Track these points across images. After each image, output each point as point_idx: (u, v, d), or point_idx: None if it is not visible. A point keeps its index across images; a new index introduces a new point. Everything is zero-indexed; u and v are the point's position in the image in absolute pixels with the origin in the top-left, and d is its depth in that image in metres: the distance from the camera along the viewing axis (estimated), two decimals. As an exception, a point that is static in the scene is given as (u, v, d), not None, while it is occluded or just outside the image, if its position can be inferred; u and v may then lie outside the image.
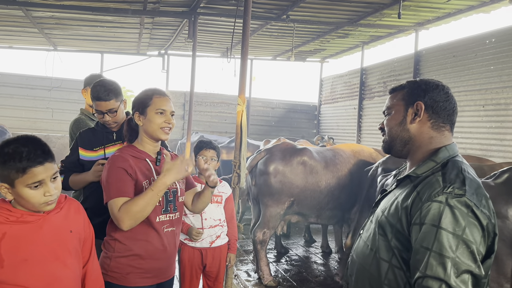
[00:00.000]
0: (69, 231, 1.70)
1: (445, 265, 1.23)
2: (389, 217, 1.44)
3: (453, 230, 1.25)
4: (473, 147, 6.69)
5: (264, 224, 4.67)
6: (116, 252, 2.04)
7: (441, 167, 1.41)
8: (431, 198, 1.31)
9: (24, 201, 1.57)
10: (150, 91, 2.16)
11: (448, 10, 7.00)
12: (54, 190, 1.59)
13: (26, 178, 1.53)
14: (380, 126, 1.64)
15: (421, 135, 1.50)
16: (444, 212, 1.27)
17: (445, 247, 1.24)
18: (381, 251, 1.44)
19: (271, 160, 4.72)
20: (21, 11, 7.45)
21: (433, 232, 1.27)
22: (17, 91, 10.60)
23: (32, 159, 1.52)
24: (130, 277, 2.03)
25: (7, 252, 1.53)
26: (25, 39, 9.98)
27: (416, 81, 1.56)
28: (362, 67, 10.03)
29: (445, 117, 1.50)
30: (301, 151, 4.82)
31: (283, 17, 7.37)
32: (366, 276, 1.49)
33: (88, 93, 3.33)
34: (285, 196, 4.66)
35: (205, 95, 11.96)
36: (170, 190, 2.14)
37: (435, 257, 1.25)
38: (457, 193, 1.29)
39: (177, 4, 7.06)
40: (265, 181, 4.68)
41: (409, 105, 1.52)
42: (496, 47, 6.40)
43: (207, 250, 3.01)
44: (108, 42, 10.11)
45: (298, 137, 10.68)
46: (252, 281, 4.69)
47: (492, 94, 6.46)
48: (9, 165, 1.51)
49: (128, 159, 2.04)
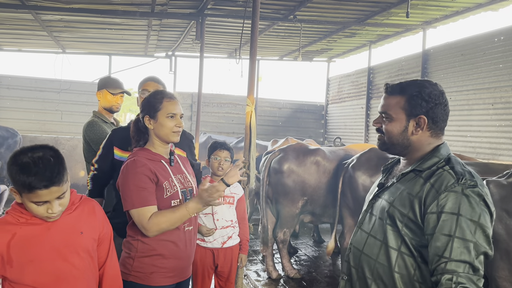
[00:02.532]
0: (80, 232, 1.72)
1: (469, 249, 1.35)
2: (399, 207, 1.52)
3: (470, 217, 1.37)
4: (482, 146, 6.65)
5: (283, 224, 4.84)
6: (139, 252, 2.05)
7: (446, 162, 1.52)
8: (448, 189, 1.42)
9: (29, 210, 1.61)
10: (159, 95, 2.17)
11: (456, 9, 6.97)
12: (58, 207, 1.61)
13: (30, 196, 1.55)
14: (377, 126, 1.70)
15: (420, 142, 1.60)
16: (461, 201, 1.39)
17: (467, 232, 1.36)
18: (389, 240, 1.53)
19: (285, 159, 4.83)
20: (30, 15, 7.53)
21: (454, 220, 1.37)
22: (26, 94, 10.71)
23: (38, 181, 1.52)
24: (154, 277, 2.05)
25: (16, 253, 1.58)
26: (34, 42, 10.09)
27: (419, 90, 1.57)
28: (369, 66, 10.01)
29: (442, 125, 1.61)
30: (315, 151, 4.89)
31: (290, 17, 7.38)
32: (375, 266, 1.56)
33: (103, 95, 3.36)
34: (299, 195, 4.76)
35: (212, 96, 11.99)
36: (187, 189, 2.17)
37: (458, 242, 1.35)
38: (470, 184, 1.42)
39: (184, 6, 7.10)
40: (279, 180, 4.80)
41: (411, 117, 1.59)
42: (505, 45, 6.35)
43: (219, 250, 3.02)
44: (116, 44, 10.18)
45: (305, 137, 10.66)
46: (261, 281, 4.70)
47: (501, 93, 6.41)
48: (18, 178, 1.53)
49: (146, 162, 2.05)
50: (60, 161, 1.59)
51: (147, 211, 1.97)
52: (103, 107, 3.37)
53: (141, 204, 1.97)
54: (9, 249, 1.57)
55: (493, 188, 2.69)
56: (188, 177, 2.24)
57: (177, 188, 2.11)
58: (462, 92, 7.12)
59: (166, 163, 2.15)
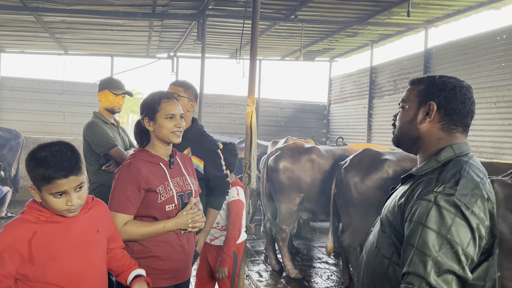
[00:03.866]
0: (96, 231, 1.77)
1: (425, 263, 1.23)
2: (388, 215, 1.47)
3: (438, 229, 1.25)
4: (485, 145, 6.62)
5: (281, 221, 4.93)
6: (135, 253, 2.06)
7: (441, 166, 1.41)
8: (421, 196, 1.32)
9: (48, 205, 1.65)
10: (157, 96, 2.16)
11: (458, 7, 6.94)
12: (77, 200, 1.66)
13: (50, 187, 1.60)
14: (393, 119, 1.61)
15: (430, 136, 1.48)
16: (431, 211, 1.27)
17: (428, 246, 1.24)
18: (383, 248, 1.46)
19: (281, 158, 4.95)
20: (32, 17, 7.55)
21: (419, 230, 1.27)
22: (29, 95, 10.74)
23: (57, 171, 1.58)
24: (149, 278, 2.05)
25: (37, 251, 1.60)
26: (36, 44, 10.11)
27: (435, 78, 1.50)
28: (371, 66, 9.98)
29: (457, 120, 1.45)
30: (310, 149, 4.99)
31: (292, 17, 7.37)
32: (371, 274, 1.51)
33: (104, 96, 3.36)
34: (296, 192, 4.86)
35: (214, 96, 11.99)
36: (185, 192, 2.16)
37: (417, 254, 1.26)
38: (447, 192, 1.29)
39: (185, 6, 7.10)
40: (276, 178, 4.91)
41: (422, 104, 1.49)
42: (507, 44, 6.32)
43: (207, 246, 3.05)
44: (118, 45, 10.19)
45: (307, 137, 10.64)
46: (263, 282, 4.69)
47: (504, 91, 6.38)
48: (37, 171, 1.59)
49: (140, 168, 2.05)
50: (77, 154, 1.66)
51: (121, 217, 2.01)
52: (105, 108, 3.38)
53: (117, 209, 2.01)
54: (31, 247, 1.59)
55: (498, 187, 2.67)
56: (187, 179, 2.22)
57: (173, 192, 2.10)
58: (464, 91, 7.08)
59: (164, 166, 2.15)
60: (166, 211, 2.08)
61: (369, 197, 4.13)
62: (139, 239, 2.04)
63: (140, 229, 2.02)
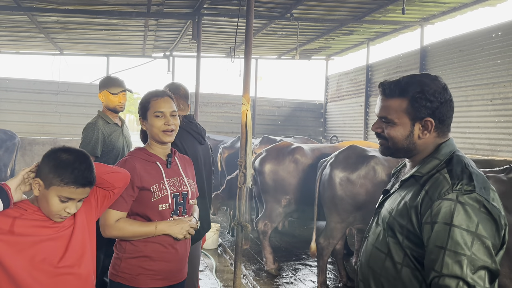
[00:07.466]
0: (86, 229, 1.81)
1: (461, 263, 1.23)
2: (397, 218, 1.43)
3: (466, 227, 1.25)
4: (481, 142, 6.62)
5: (265, 216, 4.96)
6: (127, 253, 2.05)
7: (446, 164, 1.41)
8: (441, 196, 1.31)
9: (45, 204, 1.64)
10: (149, 95, 2.16)
11: (454, 4, 6.94)
12: (74, 210, 1.69)
13: (62, 190, 1.61)
14: (378, 131, 1.54)
15: (427, 144, 1.49)
16: (456, 209, 1.27)
17: (460, 245, 1.24)
18: (393, 253, 1.43)
19: (265, 160, 4.96)
20: (26, 17, 7.51)
21: (446, 230, 1.26)
22: (24, 96, 10.69)
23: (79, 179, 1.62)
24: (140, 279, 2.04)
25: None
26: (31, 44, 10.07)
27: (421, 89, 1.44)
28: (367, 64, 9.98)
29: (449, 122, 1.49)
30: (293, 149, 4.95)
31: (287, 16, 7.36)
32: (380, 281, 1.47)
33: (104, 96, 3.35)
34: (281, 194, 4.85)
35: (210, 95, 11.97)
36: (180, 193, 2.14)
37: (450, 255, 1.25)
38: (467, 189, 1.29)
39: (180, 5, 7.08)
40: (262, 180, 4.93)
41: (416, 120, 1.46)
42: (503, 41, 6.33)
43: None
44: (114, 45, 10.16)
45: (305, 135, 10.64)
46: (261, 281, 4.68)
47: (500, 88, 6.39)
48: (59, 171, 1.60)
49: (135, 165, 2.04)
50: (94, 169, 1.71)
51: (113, 214, 1.99)
52: (107, 108, 3.39)
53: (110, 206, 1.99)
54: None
55: (493, 183, 2.66)
56: (184, 180, 2.19)
57: (168, 192, 2.08)
58: (460, 88, 7.10)
59: (161, 165, 2.13)
60: (159, 210, 2.06)
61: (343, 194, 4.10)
62: (130, 237, 2.02)
63: (133, 227, 2.01)
